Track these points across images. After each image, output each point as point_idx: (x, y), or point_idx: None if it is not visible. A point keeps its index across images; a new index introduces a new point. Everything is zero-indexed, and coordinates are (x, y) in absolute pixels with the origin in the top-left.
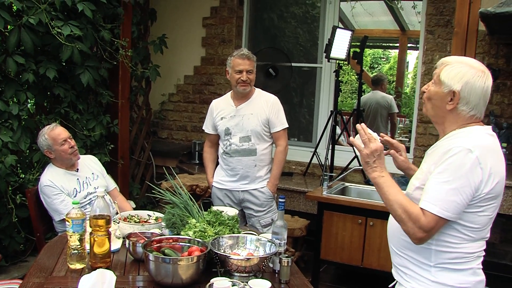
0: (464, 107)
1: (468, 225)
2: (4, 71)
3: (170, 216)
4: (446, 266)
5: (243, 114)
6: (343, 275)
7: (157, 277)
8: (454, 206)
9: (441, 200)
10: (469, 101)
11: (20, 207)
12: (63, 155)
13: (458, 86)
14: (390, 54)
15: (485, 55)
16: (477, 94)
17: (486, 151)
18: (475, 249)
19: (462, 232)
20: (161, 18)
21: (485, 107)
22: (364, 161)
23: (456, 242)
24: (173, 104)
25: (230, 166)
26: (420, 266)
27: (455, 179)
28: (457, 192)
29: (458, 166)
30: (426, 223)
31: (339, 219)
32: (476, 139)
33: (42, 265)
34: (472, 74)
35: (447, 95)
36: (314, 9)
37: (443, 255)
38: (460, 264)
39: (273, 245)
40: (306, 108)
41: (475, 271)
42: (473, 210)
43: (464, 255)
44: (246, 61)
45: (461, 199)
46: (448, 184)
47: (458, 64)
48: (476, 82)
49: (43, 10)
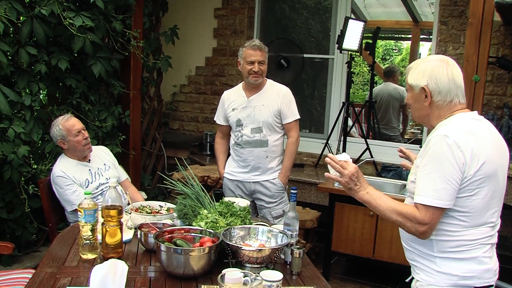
0: (439, 97)
1: (462, 210)
2: (16, 62)
3: (182, 207)
4: (449, 256)
5: (254, 105)
6: (354, 267)
7: (169, 268)
8: (445, 193)
9: (431, 190)
10: (440, 90)
11: (32, 197)
12: (76, 146)
13: (424, 81)
14: (402, 46)
15: (500, 46)
16: (444, 81)
17: (465, 134)
18: (477, 236)
19: (458, 219)
20: (173, 9)
21: (460, 90)
22: (347, 188)
23: (453, 230)
24: (184, 95)
25: (242, 157)
26: (426, 257)
27: (438, 167)
28: (445, 179)
29: (438, 154)
30: (423, 216)
31: (350, 211)
32: (454, 125)
33: (54, 255)
34: (431, 66)
35: (420, 94)
36: (326, 0)
37: (444, 244)
38: (463, 253)
39: (285, 236)
40: (318, 100)
41: (480, 259)
42: (465, 195)
43: (465, 243)
44: (258, 52)
45: (451, 184)
46: (433, 174)
47: (418, 65)
48: (438, 71)
49: (55, 1)
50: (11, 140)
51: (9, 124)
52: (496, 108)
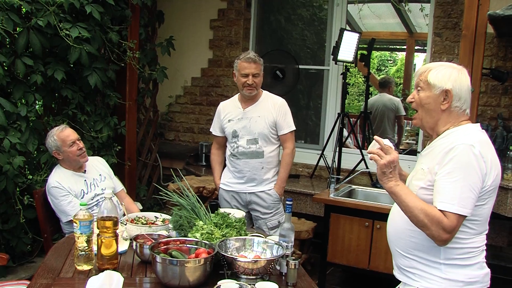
0: (458, 103)
1: (474, 218)
2: (12, 72)
3: (177, 218)
4: (455, 263)
5: (250, 116)
6: (349, 278)
7: (164, 279)
8: (469, 202)
9: (457, 198)
10: (460, 97)
11: (27, 208)
12: (71, 157)
13: (449, 85)
14: (397, 57)
15: (493, 57)
16: (465, 90)
17: (485, 145)
18: (480, 243)
19: (469, 227)
20: (169, 20)
21: (470, 102)
22: (381, 171)
23: (463, 237)
24: (180, 106)
25: (237, 168)
26: (429, 265)
27: (465, 176)
28: (470, 188)
29: (465, 163)
30: (449, 223)
31: (346, 222)
32: (474, 135)
33: (49, 266)
34: (457, 73)
35: (440, 95)
36: (322, 11)
37: (453, 251)
38: (468, 259)
39: (280, 247)
40: (313, 111)
41: (481, 264)
42: (479, 204)
43: (471, 250)
44: (252, 64)
45: (474, 193)
46: (460, 182)
47: (441, 67)
48: (462, 79)
49: (52, 12)
50: (7, 150)
51: (4, 134)
52: (490, 119)
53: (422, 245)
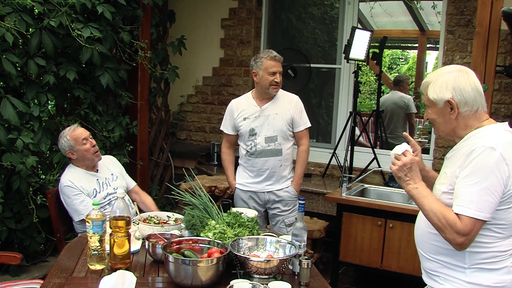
0: (466, 108)
1: (500, 222)
2: (25, 73)
3: (190, 218)
4: (481, 267)
5: (268, 114)
6: (362, 277)
7: (177, 279)
8: (487, 205)
9: (474, 202)
10: (466, 100)
11: (40, 207)
12: (85, 155)
13: (449, 94)
14: (409, 55)
15: (507, 54)
16: (468, 91)
17: (509, 147)
18: (508, 246)
19: (494, 231)
20: (180, 20)
21: (483, 98)
22: (396, 176)
23: (489, 241)
24: (191, 106)
25: (256, 167)
26: (454, 269)
27: (483, 179)
28: (488, 191)
29: (484, 166)
30: (463, 227)
31: (358, 221)
32: (497, 136)
33: (62, 265)
34: (453, 78)
35: (445, 107)
36: (333, 10)
37: (477, 255)
38: (495, 264)
39: (293, 247)
40: (325, 109)
41: (509, 269)
42: (504, 207)
43: (498, 254)
44: (279, 62)
45: (493, 197)
46: (478, 185)
47: (438, 77)
48: (461, 82)
49: (64, 12)
50: (20, 150)
51: (17, 134)
52: (504, 116)
53: (445, 249)
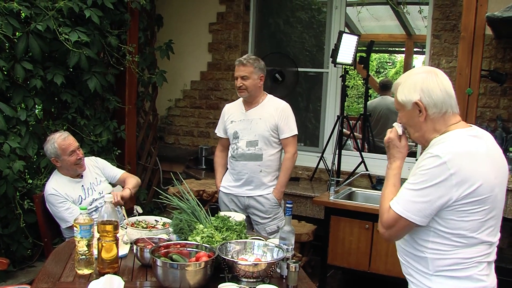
0: (434, 109)
1: (456, 232)
2: (12, 77)
3: (178, 222)
4: (445, 274)
5: (251, 118)
6: (350, 280)
7: (165, 283)
8: (415, 208)
9: (404, 200)
10: (434, 102)
11: (27, 212)
12: (69, 165)
13: (416, 96)
14: (396, 59)
15: (492, 59)
16: (437, 93)
17: (459, 156)
18: (472, 254)
19: (452, 240)
20: (168, 24)
21: (453, 100)
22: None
23: (447, 250)
24: (179, 110)
25: (236, 170)
26: (421, 274)
27: (420, 183)
28: (421, 195)
29: (425, 172)
30: (386, 219)
31: (346, 224)
32: (451, 144)
33: (50, 270)
34: (421, 79)
35: (413, 110)
36: (320, 14)
37: (438, 262)
38: (459, 271)
39: (281, 250)
40: (312, 113)
41: (475, 277)
42: (456, 217)
43: (461, 261)
44: (241, 67)
45: (424, 202)
46: (413, 187)
47: (408, 79)
48: (429, 83)
49: (51, 16)
50: (6, 155)
51: (4, 139)
52: (490, 120)
53: (412, 254)
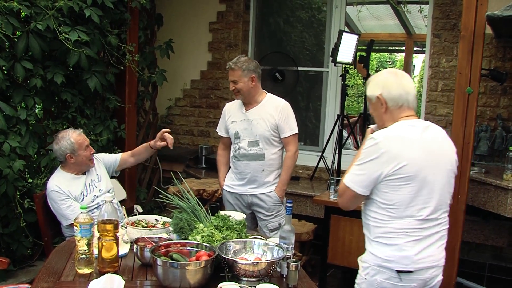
0: (392, 103)
1: (387, 203)
2: (12, 76)
3: (178, 221)
4: (379, 240)
5: (252, 118)
6: (350, 279)
7: (165, 282)
8: (357, 179)
9: (351, 174)
10: (392, 96)
11: (28, 211)
12: (83, 160)
13: (378, 91)
14: (396, 58)
15: (492, 58)
16: (395, 88)
17: (390, 139)
18: (401, 226)
19: (385, 209)
20: (168, 23)
21: (410, 96)
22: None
23: (384, 219)
24: (179, 109)
25: (239, 169)
26: (367, 239)
27: (360, 159)
28: (361, 169)
29: (364, 150)
30: (339, 188)
31: (346, 223)
32: (389, 130)
33: (50, 269)
34: (384, 77)
35: (377, 102)
36: (320, 13)
37: (376, 229)
38: (389, 239)
39: (281, 249)
40: (312, 112)
41: (401, 247)
42: (387, 190)
43: (392, 230)
44: (230, 71)
45: (363, 174)
46: (357, 162)
47: (375, 77)
48: (389, 80)
49: (51, 16)
50: (7, 154)
51: (4, 138)
52: (490, 119)
53: (364, 222)
